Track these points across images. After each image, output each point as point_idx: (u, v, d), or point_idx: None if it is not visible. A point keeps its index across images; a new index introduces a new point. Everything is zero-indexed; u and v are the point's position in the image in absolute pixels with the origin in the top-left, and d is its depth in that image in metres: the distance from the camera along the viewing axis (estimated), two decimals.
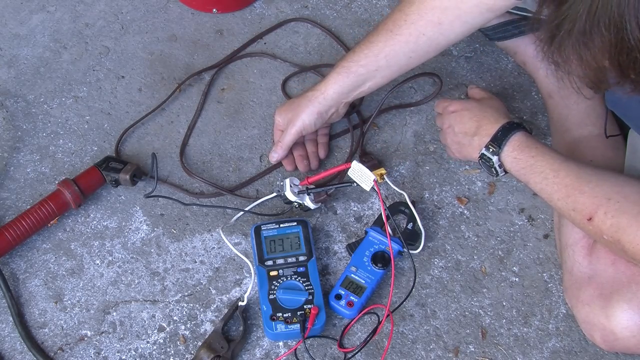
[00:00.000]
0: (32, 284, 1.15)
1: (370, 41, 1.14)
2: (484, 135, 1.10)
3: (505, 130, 1.07)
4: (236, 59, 1.42)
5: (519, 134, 1.07)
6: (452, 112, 1.17)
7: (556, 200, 1.02)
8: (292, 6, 1.49)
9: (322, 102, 1.18)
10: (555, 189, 1.01)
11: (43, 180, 1.26)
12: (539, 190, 1.05)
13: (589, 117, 1.20)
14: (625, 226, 0.93)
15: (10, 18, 1.47)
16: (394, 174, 1.27)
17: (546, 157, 1.03)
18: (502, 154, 1.07)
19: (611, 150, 1.17)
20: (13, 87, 1.37)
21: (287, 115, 1.21)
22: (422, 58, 1.15)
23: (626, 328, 0.99)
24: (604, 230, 0.96)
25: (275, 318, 1.07)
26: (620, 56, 0.68)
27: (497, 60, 1.41)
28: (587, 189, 0.98)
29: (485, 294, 1.15)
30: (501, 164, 1.08)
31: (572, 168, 1.01)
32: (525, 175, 1.06)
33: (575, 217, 1.00)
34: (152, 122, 1.33)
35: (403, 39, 1.11)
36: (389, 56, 1.13)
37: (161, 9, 1.49)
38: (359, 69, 1.15)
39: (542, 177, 1.03)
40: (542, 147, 1.06)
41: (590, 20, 0.69)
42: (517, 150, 1.06)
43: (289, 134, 1.20)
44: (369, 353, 1.09)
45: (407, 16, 1.10)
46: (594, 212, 0.96)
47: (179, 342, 1.10)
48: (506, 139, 1.07)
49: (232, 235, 1.20)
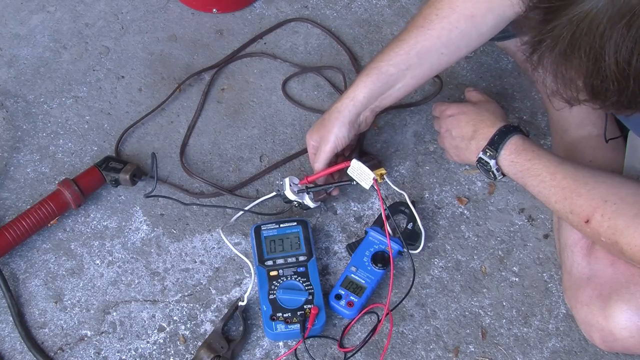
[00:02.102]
0: (32, 284, 1.15)
1: (400, 39, 1.10)
2: (481, 139, 1.09)
3: (502, 133, 1.07)
4: (236, 59, 1.42)
5: (515, 137, 1.06)
6: (450, 116, 1.16)
7: (554, 202, 1.02)
8: (292, 6, 1.49)
9: (352, 109, 1.12)
10: (553, 191, 1.01)
11: (43, 180, 1.26)
12: (537, 193, 1.04)
13: (588, 118, 1.20)
14: (623, 228, 0.93)
15: (10, 18, 1.47)
16: (394, 174, 1.27)
17: (543, 160, 1.03)
18: (499, 158, 1.07)
19: (611, 150, 1.17)
20: (13, 87, 1.37)
21: (319, 134, 1.15)
22: (453, 55, 1.11)
23: (625, 328, 0.99)
24: (602, 232, 0.96)
25: (275, 318, 1.07)
26: (594, 80, 0.69)
27: (497, 60, 1.41)
28: (584, 192, 0.98)
29: (485, 294, 1.15)
30: (499, 167, 1.08)
31: (569, 170, 1.01)
32: (523, 179, 1.05)
33: (573, 220, 1.00)
34: (152, 122, 1.33)
35: (435, 34, 1.08)
36: (421, 53, 1.09)
37: (161, 9, 1.49)
38: (390, 69, 1.10)
39: (539, 180, 1.03)
40: (539, 149, 1.05)
41: (571, 45, 0.71)
42: (514, 154, 1.06)
43: (323, 152, 1.14)
44: (369, 353, 1.09)
45: (438, 10, 1.08)
46: (591, 214, 0.96)
47: (179, 342, 1.10)
48: (503, 143, 1.06)
49: (232, 235, 1.20)
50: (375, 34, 1.46)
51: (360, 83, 1.11)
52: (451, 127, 1.15)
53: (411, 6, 1.49)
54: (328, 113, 1.14)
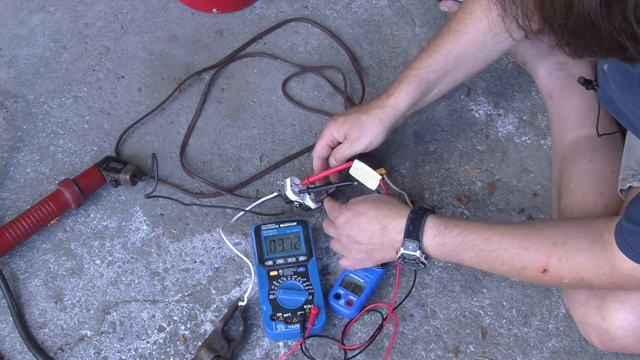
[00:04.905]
0: (32, 284, 1.15)
1: (437, 45, 1.10)
2: (393, 234, 1.02)
3: (414, 221, 1.01)
4: (236, 59, 1.42)
5: (430, 218, 1.01)
6: (346, 222, 1.07)
7: (499, 266, 0.98)
8: (292, 6, 1.49)
9: (393, 118, 1.11)
10: (495, 256, 0.97)
11: (43, 180, 1.26)
12: (476, 263, 1.00)
13: (588, 118, 1.20)
14: (584, 263, 0.92)
15: (10, 18, 1.47)
16: (394, 174, 1.27)
17: (471, 230, 0.99)
18: (424, 246, 1.00)
19: (610, 150, 1.17)
20: (13, 87, 1.37)
21: (349, 131, 1.13)
22: (487, 59, 1.12)
23: (621, 328, 1.00)
24: (564, 275, 0.94)
25: (275, 318, 1.07)
26: (543, 0, 0.67)
27: (497, 60, 1.40)
28: (528, 243, 0.95)
29: (485, 294, 1.15)
30: (426, 255, 1.01)
31: (502, 229, 0.98)
32: (457, 256, 1.00)
33: (527, 274, 0.97)
34: (152, 122, 1.33)
35: (471, 38, 1.08)
36: (458, 58, 1.09)
37: (161, 9, 1.49)
38: (430, 76, 1.10)
39: (476, 250, 0.98)
40: (460, 222, 1.01)
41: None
42: (438, 236, 1.00)
43: (350, 150, 1.13)
44: (368, 353, 1.09)
45: (472, 14, 1.07)
46: (546, 262, 0.94)
47: (179, 342, 1.10)
48: (421, 230, 1.00)
49: (232, 235, 1.20)
50: (375, 34, 1.46)
51: (402, 91, 1.11)
52: (353, 233, 1.06)
53: (411, 6, 1.49)
54: (365, 116, 1.12)
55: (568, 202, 1.14)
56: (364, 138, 1.12)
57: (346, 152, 1.14)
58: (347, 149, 1.13)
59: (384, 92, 1.14)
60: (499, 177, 1.27)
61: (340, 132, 1.14)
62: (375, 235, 1.04)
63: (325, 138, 1.16)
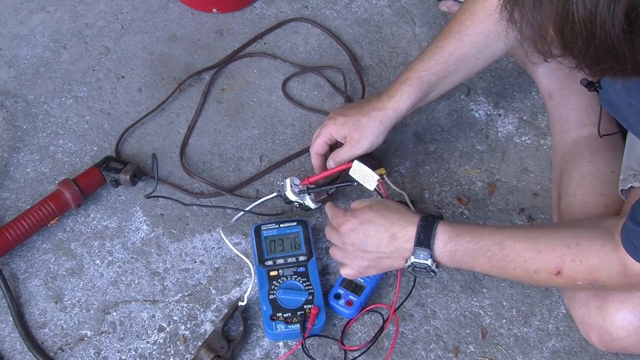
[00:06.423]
0: (32, 284, 1.15)
1: (439, 46, 1.10)
2: (403, 242, 0.99)
3: (425, 229, 0.98)
4: (236, 59, 1.42)
5: (440, 226, 0.98)
6: (351, 230, 1.02)
7: (512, 270, 0.96)
8: (292, 6, 1.49)
9: (394, 120, 1.12)
10: (507, 260, 0.95)
11: (43, 180, 1.26)
12: (488, 269, 0.98)
13: (588, 118, 1.20)
14: (598, 264, 0.91)
15: (10, 18, 1.47)
16: (394, 174, 1.27)
17: (483, 235, 0.97)
18: (435, 254, 0.97)
19: (610, 150, 1.17)
20: (13, 87, 1.37)
21: (350, 134, 1.12)
22: (487, 60, 1.12)
23: (621, 328, 1.00)
24: (578, 276, 0.93)
25: (275, 318, 1.07)
26: (564, 27, 0.67)
27: (497, 60, 1.40)
28: (541, 246, 0.94)
29: (485, 294, 1.15)
30: (437, 262, 0.99)
31: (513, 233, 0.97)
32: (469, 262, 0.98)
33: (540, 277, 0.96)
34: (152, 122, 1.33)
35: (472, 40, 1.08)
36: (459, 59, 1.09)
37: (161, 9, 1.49)
38: (431, 78, 1.10)
39: (489, 256, 0.96)
40: (470, 227, 0.99)
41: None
42: (450, 244, 0.97)
43: (350, 153, 1.12)
44: (368, 353, 1.09)
45: (473, 16, 1.07)
46: (560, 264, 0.93)
47: (179, 342, 1.10)
48: (432, 238, 0.97)
49: (232, 235, 1.20)
50: (375, 34, 1.46)
51: (404, 93, 1.11)
52: (359, 241, 1.02)
53: (411, 6, 1.49)
54: (366, 118, 1.12)
55: (568, 202, 1.14)
56: (364, 141, 1.12)
57: (346, 155, 1.14)
58: (348, 152, 1.13)
59: (384, 93, 1.14)
60: (499, 177, 1.27)
61: (340, 133, 1.14)
62: (384, 243, 1.00)
63: (324, 137, 1.16)
